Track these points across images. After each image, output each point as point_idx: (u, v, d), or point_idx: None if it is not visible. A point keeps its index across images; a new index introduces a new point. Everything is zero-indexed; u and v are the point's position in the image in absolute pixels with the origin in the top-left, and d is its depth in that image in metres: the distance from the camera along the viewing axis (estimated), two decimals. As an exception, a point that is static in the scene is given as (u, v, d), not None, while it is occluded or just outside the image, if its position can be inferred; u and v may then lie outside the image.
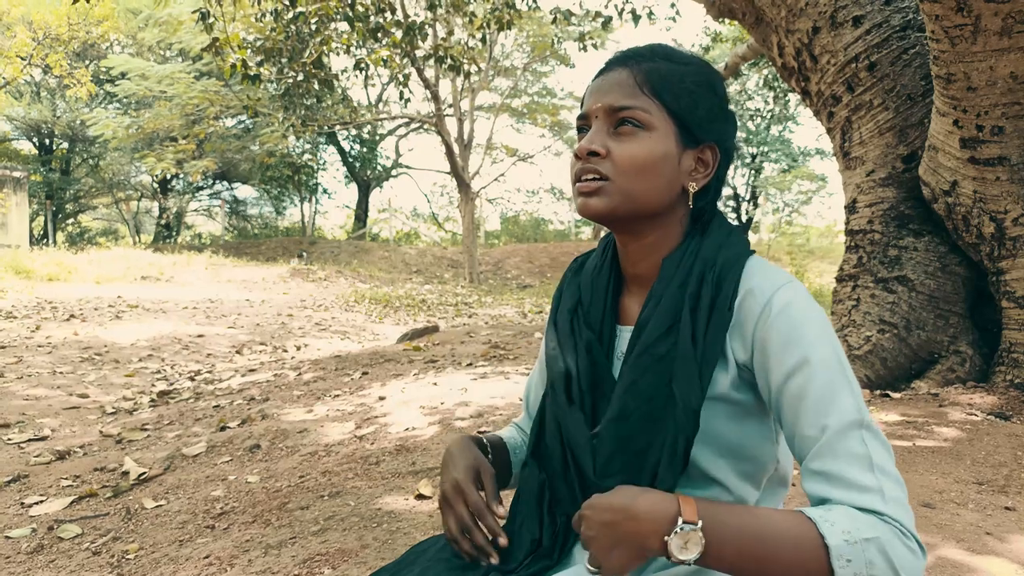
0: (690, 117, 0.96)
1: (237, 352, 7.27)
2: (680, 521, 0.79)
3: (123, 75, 17.94)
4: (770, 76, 11.59)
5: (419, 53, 8.16)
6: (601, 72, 1.00)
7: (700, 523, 0.79)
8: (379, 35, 7.14)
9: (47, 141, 24.27)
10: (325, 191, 29.05)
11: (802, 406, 0.86)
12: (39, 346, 6.71)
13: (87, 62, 19.90)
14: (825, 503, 0.83)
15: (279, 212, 28.39)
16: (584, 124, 0.99)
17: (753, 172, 25.23)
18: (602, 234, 1.13)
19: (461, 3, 8.00)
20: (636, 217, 0.96)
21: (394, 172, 28.19)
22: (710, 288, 0.93)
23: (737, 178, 24.04)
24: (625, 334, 1.01)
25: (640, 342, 0.94)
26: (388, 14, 7.21)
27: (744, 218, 23.84)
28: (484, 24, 7.76)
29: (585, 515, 0.87)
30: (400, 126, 25.98)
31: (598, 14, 7.58)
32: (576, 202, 0.97)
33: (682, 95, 0.95)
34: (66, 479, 3.14)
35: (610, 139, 0.95)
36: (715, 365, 0.91)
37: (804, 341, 0.87)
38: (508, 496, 1.11)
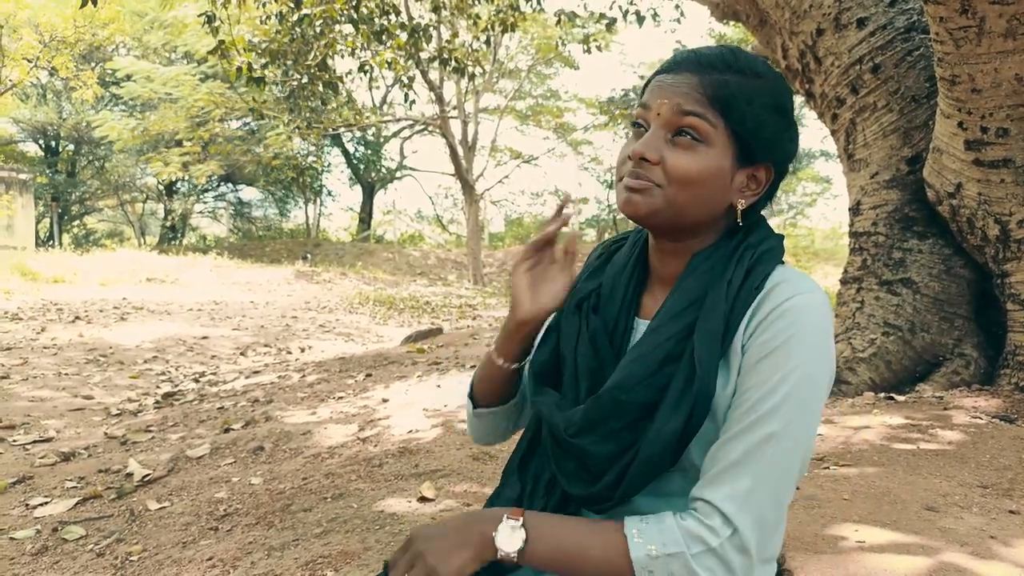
0: (752, 139, 0.94)
1: (241, 354, 7.29)
2: (505, 517, 0.89)
3: (129, 77, 17.99)
4: (774, 78, 11.57)
5: (423, 55, 8.15)
6: (669, 69, 0.97)
7: (522, 519, 0.88)
8: (383, 37, 7.14)
9: (53, 143, 24.38)
10: (330, 193, 29.14)
11: (745, 398, 0.88)
12: (44, 348, 6.73)
13: (93, 64, 19.97)
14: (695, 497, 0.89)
15: (284, 214, 28.47)
16: (642, 117, 0.97)
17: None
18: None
19: (465, 5, 8.00)
20: (676, 226, 0.97)
21: (398, 174, 28.24)
22: (743, 268, 0.94)
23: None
24: (642, 327, 1.01)
25: (658, 318, 0.95)
26: (392, 16, 7.22)
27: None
28: (488, 26, 7.76)
29: (414, 534, 0.91)
30: (404, 128, 26.01)
31: (602, 16, 7.56)
32: (619, 197, 0.97)
33: (748, 117, 0.93)
34: (70, 480, 3.15)
35: (666, 147, 0.94)
36: (731, 340, 0.91)
37: (789, 352, 0.87)
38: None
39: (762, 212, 1.04)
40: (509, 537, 0.87)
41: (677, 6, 8.42)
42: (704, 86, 0.93)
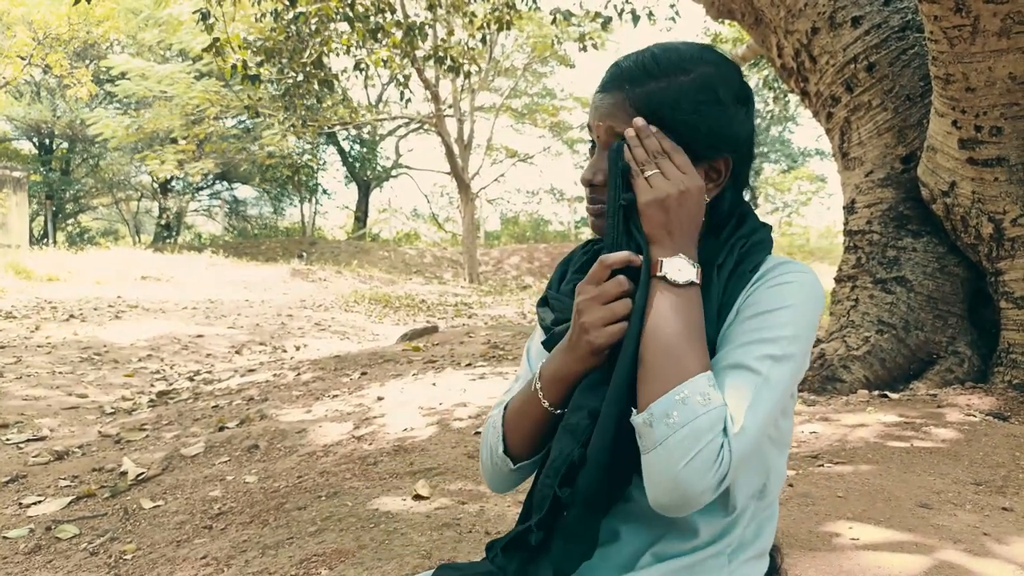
0: (691, 139, 0.94)
1: (236, 352, 7.28)
2: (691, 263, 0.91)
3: (123, 75, 17.92)
4: (770, 77, 11.58)
5: (419, 53, 8.16)
6: (600, 87, 0.99)
7: (694, 281, 0.90)
8: (379, 35, 7.13)
9: (47, 141, 24.28)
10: (325, 191, 29.05)
11: (739, 333, 0.91)
12: (38, 346, 6.71)
13: (87, 62, 19.89)
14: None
15: (279, 212, 28.41)
16: (591, 136, 1.01)
17: (753, 173, 25.21)
18: None
19: (461, 3, 8.00)
20: None
21: (394, 172, 28.20)
22: (735, 256, 0.96)
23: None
24: None
25: None
26: (388, 14, 7.21)
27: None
28: (484, 24, 7.76)
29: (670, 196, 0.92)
30: (400, 126, 25.99)
31: (598, 14, 7.56)
32: (589, 222, 1.01)
33: (679, 120, 0.94)
34: (64, 479, 3.14)
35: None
36: (725, 321, 0.94)
37: (780, 308, 0.90)
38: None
39: (746, 199, 1.04)
40: (679, 270, 0.90)
41: (672, 5, 8.43)
42: (629, 102, 0.95)
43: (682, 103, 0.94)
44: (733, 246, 0.97)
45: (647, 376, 0.87)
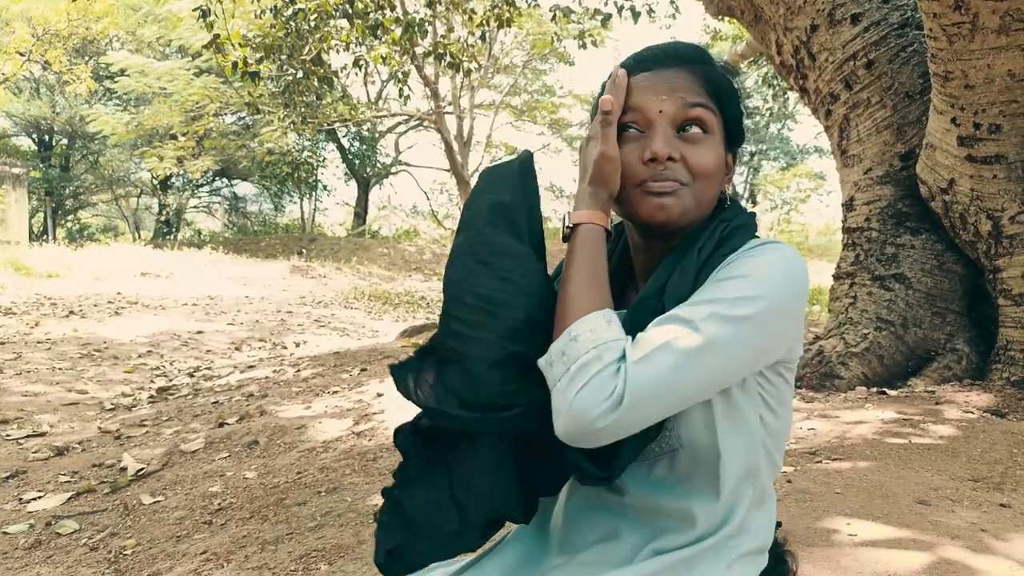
0: (735, 127, 1.00)
1: (236, 348, 7.28)
2: (588, 212, 0.95)
3: (122, 71, 17.88)
4: (769, 74, 11.57)
5: (418, 50, 8.15)
6: (651, 67, 0.96)
7: (577, 224, 0.95)
8: (378, 32, 7.12)
9: (46, 137, 24.25)
10: (325, 188, 28.98)
11: (695, 294, 0.90)
12: (38, 342, 6.71)
13: (86, 58, 19.86)
14: None
15: (279, 209, 28.39)
16: (636, 120, 0.95)
17: (752, 170, 25.23)
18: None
19: (460, 0, 7.99)
20: (692, 223, 0.97)
21: (394, 169, 28.18)
22: (715, 239, 0.95)
23: (735, 176, 24.23)
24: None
25: (642, 291, 0.96)
26: (387, 11, 7.20)
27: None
28: (483, 21, 7.75)
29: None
30: (400, 123, 25.96)
31: (597, 11, 7.55)
32: (648, 204, 0.94)
33: (733, 107, 0.99)
34: (64, 475, 3.15)
35: (679, 143, 0.94)
36: None
37: (741, 276, 0.88)
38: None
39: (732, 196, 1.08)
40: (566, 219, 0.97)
41: (672, 1, 8.42)
42: (700, 78, 0.95)
43: (735, 92, 1.00)
44: (715, 229, 0.96)
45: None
